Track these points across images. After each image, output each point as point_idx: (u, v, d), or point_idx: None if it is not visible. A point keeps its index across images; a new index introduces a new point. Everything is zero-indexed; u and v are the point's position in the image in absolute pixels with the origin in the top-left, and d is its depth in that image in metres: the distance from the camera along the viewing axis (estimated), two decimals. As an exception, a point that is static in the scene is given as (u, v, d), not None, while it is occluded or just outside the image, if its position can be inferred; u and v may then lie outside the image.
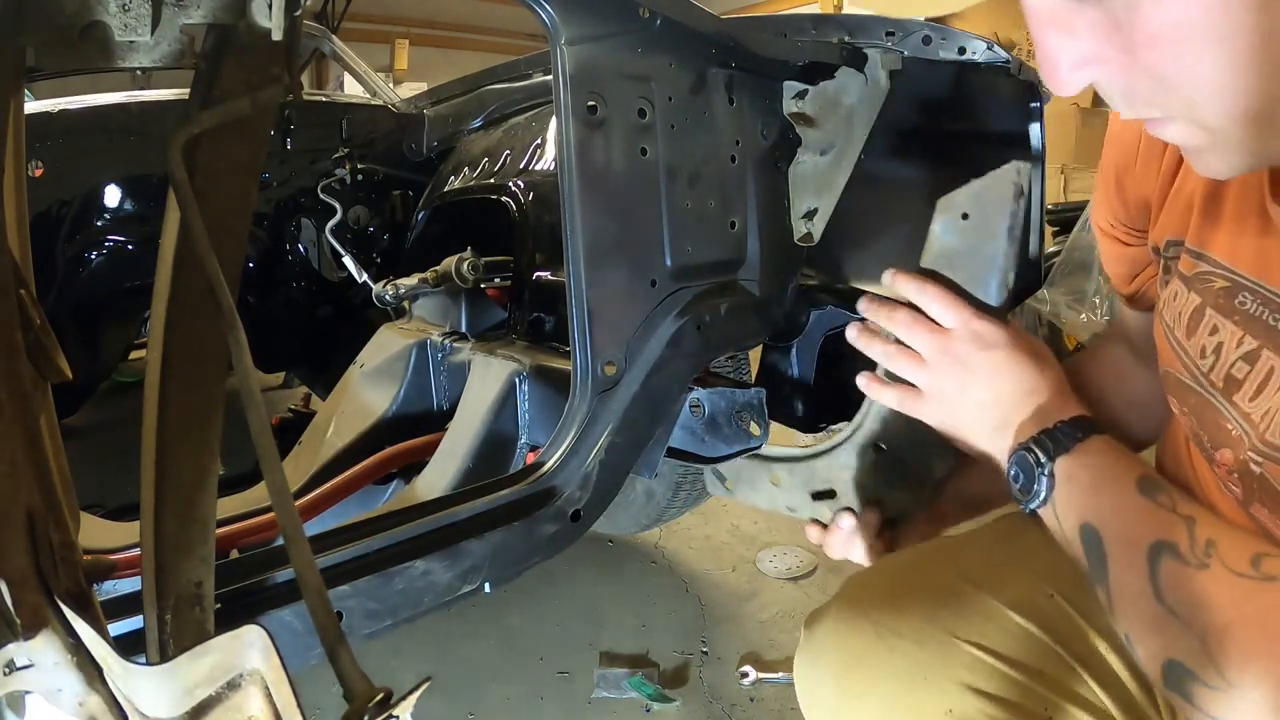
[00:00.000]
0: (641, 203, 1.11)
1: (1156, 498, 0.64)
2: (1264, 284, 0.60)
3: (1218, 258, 0.65)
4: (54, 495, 0.49)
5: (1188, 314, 0.68)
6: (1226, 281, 0.64)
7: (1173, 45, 0.47)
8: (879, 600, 0.83)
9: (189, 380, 0.61)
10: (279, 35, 0.58)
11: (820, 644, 0.84)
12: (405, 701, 0.41)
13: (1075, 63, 0.51)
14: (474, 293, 1.71)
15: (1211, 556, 0.58)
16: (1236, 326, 0.62)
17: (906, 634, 0.78)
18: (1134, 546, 0.63)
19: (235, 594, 0.82)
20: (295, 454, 1.69)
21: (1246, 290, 0.61)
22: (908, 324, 0.84)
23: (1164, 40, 0.47)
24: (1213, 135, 0.51)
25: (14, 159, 0.54)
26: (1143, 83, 0.50)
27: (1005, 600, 0.80)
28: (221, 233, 0.59)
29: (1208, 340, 0.65)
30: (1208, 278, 0.66)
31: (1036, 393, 0.77)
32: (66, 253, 2.09)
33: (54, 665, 0.44)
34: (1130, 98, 0.52)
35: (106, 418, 2.64)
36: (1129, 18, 0.47)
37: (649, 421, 1.16)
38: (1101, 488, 0.68)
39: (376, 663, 1.81)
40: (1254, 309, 0.61)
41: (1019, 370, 0.78)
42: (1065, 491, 0.70)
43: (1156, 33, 0.47)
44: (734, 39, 1.15)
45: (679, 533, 2.49)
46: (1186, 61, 0.47)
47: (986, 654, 0.76)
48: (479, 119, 2.09)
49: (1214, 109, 0.49)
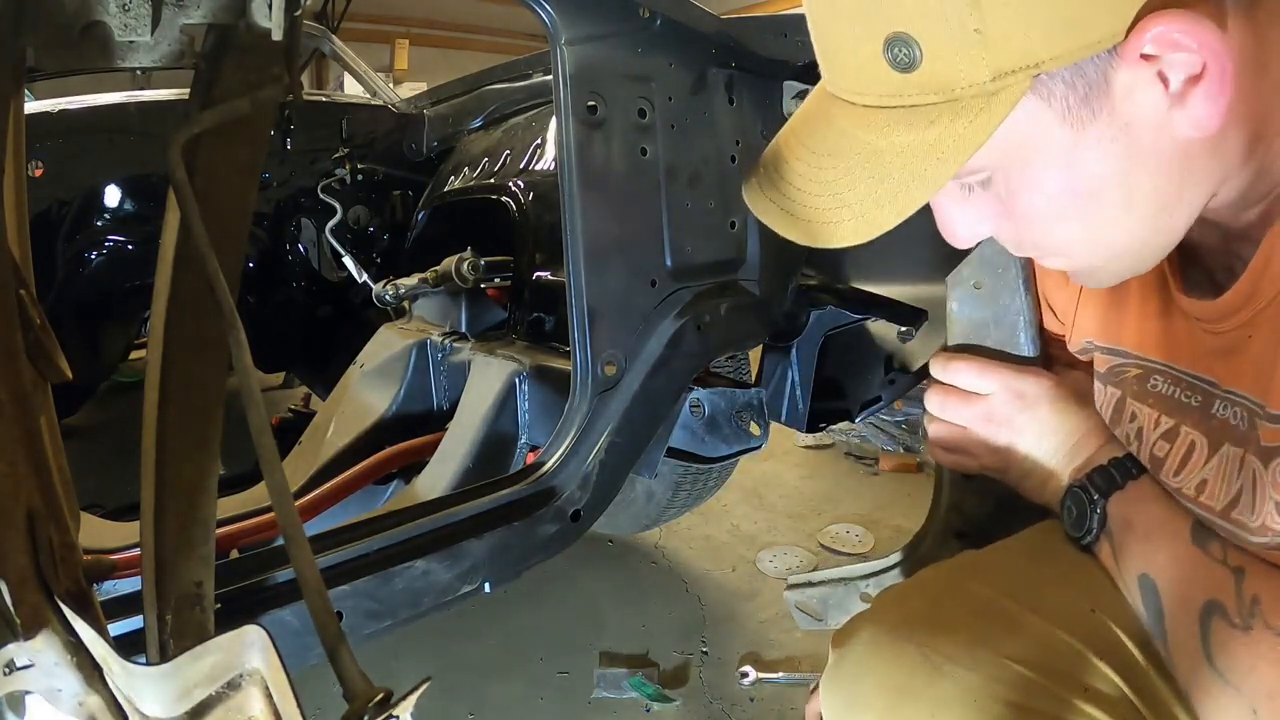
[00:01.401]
0: (641, 203, 1.11)
1: (1209, 548, 0.63)
2: (1172, 365, 0.67)
3: (1128, 349, 0.71)
4: (54, 495, 0.49)
5: (1110, 409, 0.75)
6: (1139, 369, 0.70)
7: (1043, 220, 0.57)
8: (919, 621, 0.80)
9: (189, 380, 0.61)
10: (279, 35, 0.58)
11: (859, 668, 0.80)
12: (405, 701, 0.41)
13: (970, 225, 0.61)
14: (474, 293, 1.71)
15: (1255, 616, 0.58)
16: (1152, 409, 0.69)
17: (958, 658, 0.75)
18: (1188, 605, 0.63)
19: (235, 594, 0.82)
20: (295, 454, 1.69)
21: (1157, 373, 0.68)
22: (939, 404, 0.84)
23: (1036, 216, 0.57)
24: (1090, 266, 0.61)
25: (14, 159, 0.54)
26: (1024, 239, 0.61)
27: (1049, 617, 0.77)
28: (221, 233, 0.59)
29: (1129, 428, 0.72)
30: (1122, 370, 0.72)
31: (1084, 441, 0.77)
32: (66, 253, 2.09)
33: (54, 665, 0.44)
34: (1018, 246, 0.63)
35: (106, 418, 2.64)
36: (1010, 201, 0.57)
37: (649, 421, 1.16)
38: (1157, 536, 0.67)
39: (376, 663, 1.81)
40: (1165, 389, 0.67)
41: (1064, 422, 0.78)
42: (1122, 539, 0.70)
43: (1029, 211, 0.57)
44: (734, 39, 1.15)
45: (679, 533, 2.49)
46: (1057, 230, 0.58)
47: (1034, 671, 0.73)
48: (479, 119, 2.09)
49: (1085, 257, 0.60)
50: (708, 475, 2.08)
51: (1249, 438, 0.58)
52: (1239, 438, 0.59)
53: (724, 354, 1.38)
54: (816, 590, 1.06)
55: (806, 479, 2.85)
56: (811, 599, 1.07)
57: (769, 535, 2.47)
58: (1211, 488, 0.62)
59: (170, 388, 0.60)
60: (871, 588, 1.04)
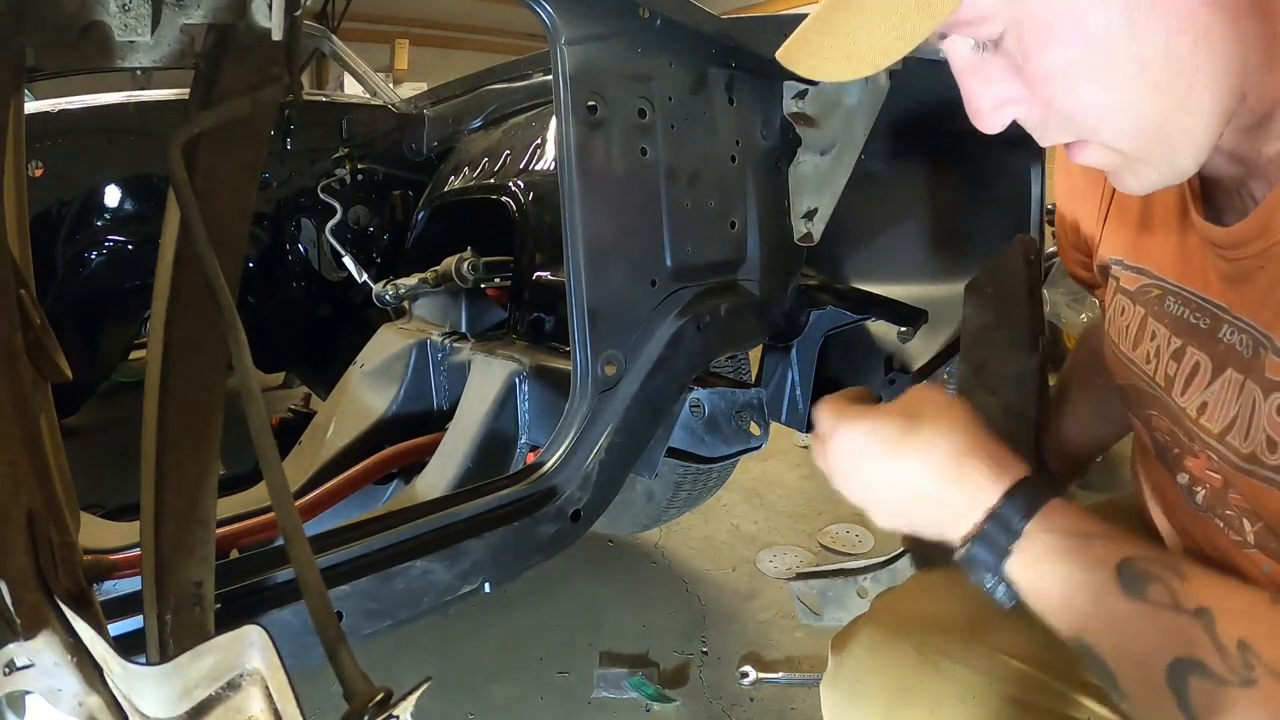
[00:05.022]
0: (641, 203, 1.11)
1: (1149, 596, 0.54)
2: (1184, 286, 0.66)
3: (1152, 269, 0.71)
4: (54, 495, 0.49)
5: (1135, 326, 0.73)
6: (1159, 290, 0.70)
7: (1061, 80, 0.54)
8: (915, 620, 0.81)
9: (189, 380, 0.61)
10: (279, 35, 0.58)
11: (859, 668, 0.82)
12: (405, 701, 0.41)
13: (994, 104, 0.57)
14: (474, 293, 1.71)
15: (1253, 668, 0.49)
16: (1166, 329, 0.68)
17: (956, 655, 0.76)
18: (1145, 668, 0.54)
19: (235, 594, 0.82)
20: (295, 454, 1.69)
21: (1171, 295, 0.68)
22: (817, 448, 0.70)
23: (1053, 77, 0.54)
24: (1123, 156, 0.57)
25: (14, 159, 0.54)
26: (1050, 115, 0.57)
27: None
28: (221, 233, 0.59)
29: (1149, 346, 0.70)
30: (1147, 290, 0.71)
31: (949, 496, 0.62)
32: (66, 253, 2.09)
33: (54, 665, 0.44)
34: (1044, 129, 0.59)
35: (106, 418, 2.65)
36: (1024, 61, 0.54)
37: (649, 421, 1.16)
38: (1076, 597, 0.57)
39: (376, 663, 1.81)
40: (1177, 310, 0.66)
41: (916, 477, 0.63)
42: (1038, 602, 0.59)
43: (1046, 72, 0.54)
44: (734, 39, 1.15)
45: (679, 533, 2.49)
46: (1075, 93, 0.54)
47: (1032, 666, 0.74)
48: (479, 119, 2.09)
49: (1110, 130, 0.55)
50: (708, 475, 2.08)
51: (1253, 366, 0.57)
52: (1243, 364, 0.59)
53: (724, 354, 1.37)
54: (818, 582, 1.06)
55: (806, 479, 2.85)
56: (812, 590, 1.07)
57: (769, 535, 2.47)
58: (1211, 410, 0.62)
59: (170, 388, 0.60)
60: (869, 583, 1.04)
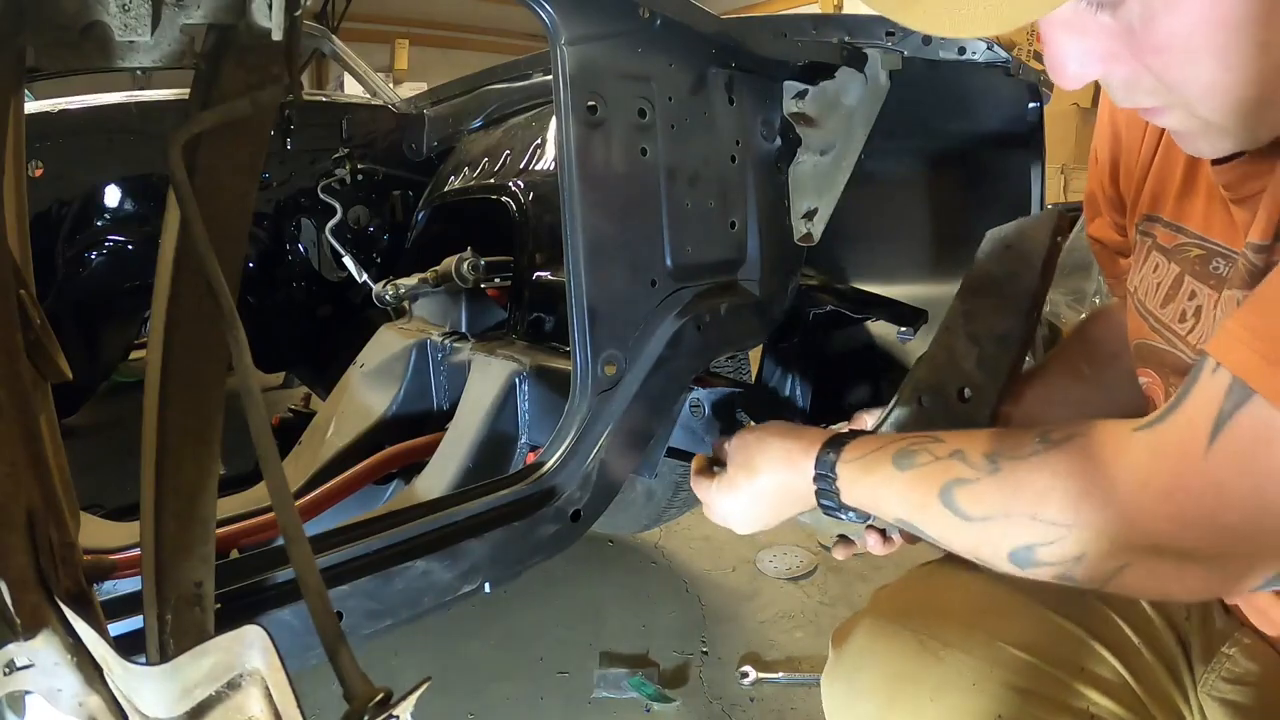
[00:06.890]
0: (641, 203, 1.11)
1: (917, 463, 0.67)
2: (1234, 249, 0.65)
3: (1193, 229, 0.70)
4: (54, 495, 0.49)
5: (1168, 283, 0.72)
6: (1201, 250, 0.69)
7: (1182, 52, 0.52)
8: (915, 610, 0.82)
9: (189, 380, 0.61)
10: (279, 35, 0.58)
11: (858, 658, 0.82)
12: (405, 701, 0.41)
13: (1082, 59, 0.55)
14: (474, 293, 1.71)
15: (997, 461, 0.62)
16: (1213, 290, 0.67)
17: (956, 643, 0.77)
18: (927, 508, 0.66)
19: (235, 594, 0.82)
20: (295, 454, 1.69)
21: (1219, 256, 0.67)
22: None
23: (1174, 48, 0.52)
24: (1205, 123, 0.56)
25: (14, 159, 0.54)
26: (1146, 80, 0.55)
27: (1045, 602, 0.79)
28: (221, 233, 0.59)
29: (1187, 305, 0.69)
30: (1185, 249, 0.71)
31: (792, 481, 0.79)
32: (66, 253, 2.09)
33: (54, 665, 0.44)
34: (1131, 91, 0.57)
35: (106, 418, 2.64)
36: (1142, 26, 0.52)
37: (649, 421, 1.16)
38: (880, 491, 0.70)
39: (376, 663, 1.81)
40: (1227, 273, 0.65)
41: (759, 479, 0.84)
42: (870, 510, 0.74)
43: (1167, 41, 0.52)
44: (734, 39, 1.15)
45: (679, 533, 2.49)
46: (1189, 66, 0.53)
47: (1032, 655, 0.75)
48: (479, 119, 2.09)
49: (1209, 105, 0.55)
50: (708, 475, 2.08)
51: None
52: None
53: (724, 354, 1.38)
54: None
55: (806, 479, 2.84)
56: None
57: (769, 535, 2.47)
58: None
59: (170, 388, 0.60)
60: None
